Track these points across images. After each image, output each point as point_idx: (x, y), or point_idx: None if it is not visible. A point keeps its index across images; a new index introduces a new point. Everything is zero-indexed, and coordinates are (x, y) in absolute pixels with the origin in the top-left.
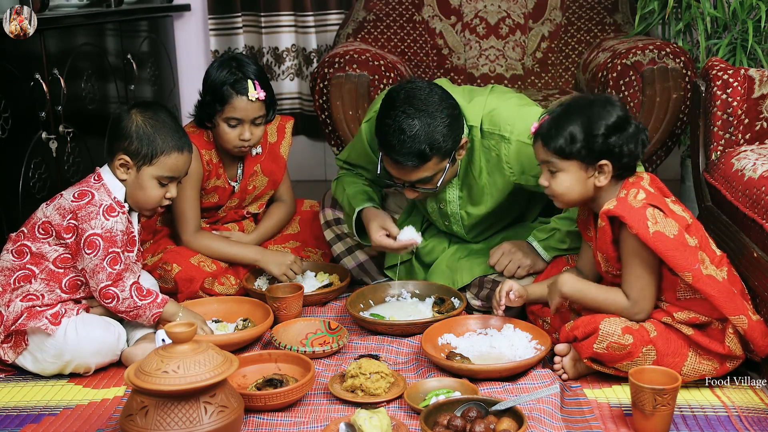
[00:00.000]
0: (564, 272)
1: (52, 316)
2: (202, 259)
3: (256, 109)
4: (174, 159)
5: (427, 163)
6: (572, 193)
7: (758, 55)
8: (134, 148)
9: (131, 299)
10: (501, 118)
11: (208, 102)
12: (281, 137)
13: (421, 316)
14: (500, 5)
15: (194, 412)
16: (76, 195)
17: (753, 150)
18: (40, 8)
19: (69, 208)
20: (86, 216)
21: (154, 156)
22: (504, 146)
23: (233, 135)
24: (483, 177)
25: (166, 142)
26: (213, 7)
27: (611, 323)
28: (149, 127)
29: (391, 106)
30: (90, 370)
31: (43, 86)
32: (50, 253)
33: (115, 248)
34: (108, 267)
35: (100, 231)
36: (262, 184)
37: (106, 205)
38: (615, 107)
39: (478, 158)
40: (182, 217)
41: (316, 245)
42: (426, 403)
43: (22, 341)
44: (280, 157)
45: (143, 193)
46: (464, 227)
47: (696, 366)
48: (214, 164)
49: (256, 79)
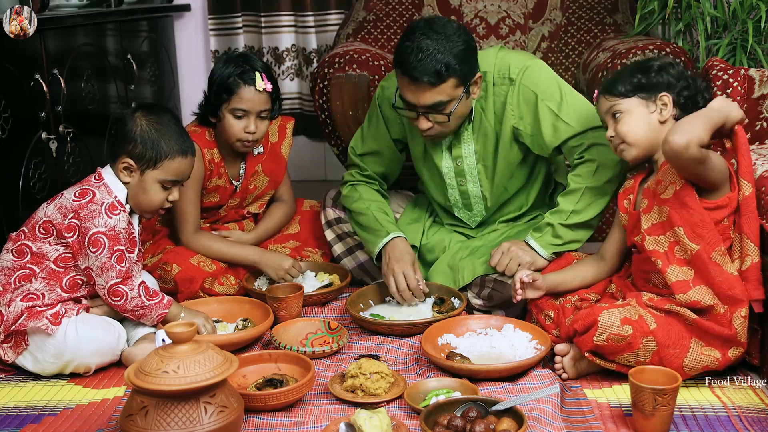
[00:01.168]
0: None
1: (53, 316)
2: (201, 259)
3: (263, 101)
4: (178, 163)
5: (443, 84)
6: (638, 130)
7: (758, 55)
8: (138, 152)
9: (139, 298)
10: (511, 63)
11: (215, 94)
12: (282, 137)
13: (421, 316)
14: (500, 5)
15: (194, 412)
16: (77, 194)
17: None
18: (40, 8)
19: (70, 207)
20: (89, 215)
21: (158, 160)
22: (510, 90)
23: (238, 127)
24: (495, 125)
25: (171, 146)
26: (213, 7)
27: (610, 314)
28: (154, 131)
29: (410, 31)
30: (90, 370)
31: (43, 86)
32: (51, 252)
33: (119, 246)
34: (116, 264)
35: (104, 229)
36: (263, 183)
37: (108, 203)
38: (669, 59)
39: (491, 105)
40: (182, 217)
41: (316, 245)
42: (426, 403)
43: (22, 341)
44: (281, 157)
45: (146, 196)
46: (480, 186)
47: (698, 357)
48: (216, 163)
49: (263, 72)
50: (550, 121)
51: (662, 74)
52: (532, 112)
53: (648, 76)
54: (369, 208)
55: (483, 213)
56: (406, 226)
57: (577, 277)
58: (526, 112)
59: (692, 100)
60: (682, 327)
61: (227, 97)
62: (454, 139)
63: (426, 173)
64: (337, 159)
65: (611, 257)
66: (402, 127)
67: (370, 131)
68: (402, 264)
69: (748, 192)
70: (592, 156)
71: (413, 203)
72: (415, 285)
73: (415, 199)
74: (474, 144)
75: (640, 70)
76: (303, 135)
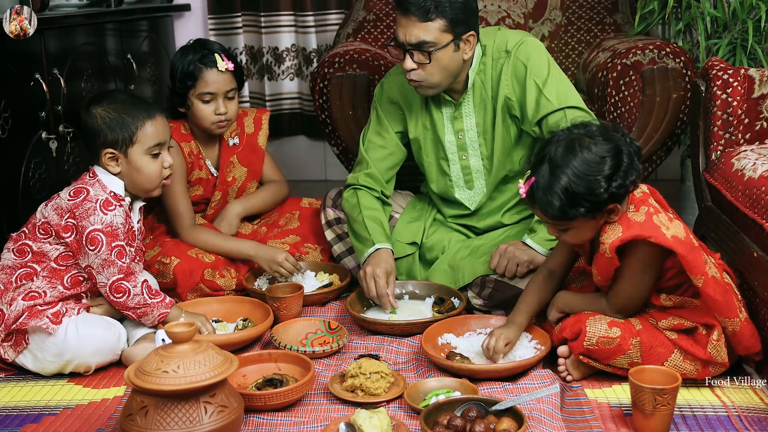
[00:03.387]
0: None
1: (53, 315)
2: (199, 251)
3: (227, 81)
4: (151, 127)
5: (429, 22)
6: (586, 238)
7: (758, 55)
8: (111, 139)
9: (142, 296)
10: (509, 38)
11: (180, 83)
12: (258, 128)
13: (421, 316)
14: (500, 5)
15: (194, 412)
16: (72, 193)
17: (753, 150)
18: (40, 8)
19: (66, 207)
20: (84, 213)
21: (132, 135)
22: (506, 61)
23: (208, 111)
24: (492, 96)
25: (135, 116)
26: (213, 6)
27: (596, 320)
28: (113, 111)
29: None
30: (90, 369)
31: (43, 86)
32: (51, 251)
33: (118, 241)
34: (117, 260)
35: (101, 226)
36: (241, 175)
37: (102, 200)
38: (600, 144)
39: (489, 78)
40: (175, 213)
41: (315, 241)
42: (426, 403)
43: (23, 340)
44: (258, 147)
45: (141, 173)
46: (482, 160)
47: (679, 363)
48: (195, 155)
49: (222, 53)
50: (534, 95)
51: (610, 190)
52: (521, 85)
53: (596, 199)
54: (363, 216)
55: (484, 190)
56: (407, 225)
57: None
58: (516, 84)
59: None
60: (665, 338)
61: (192, 84)
62: (455, 112)
63: (426, 158)
64: (337, 159)
65: (562, 272)
66: (402, 118)
67: (373, 127)
68: (374, 269)
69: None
70: None
71: (414, 203)
72: (382, 293)
73: (415, 199)
74: (475, 116)
75: (587, 190)
76: (303, 135)
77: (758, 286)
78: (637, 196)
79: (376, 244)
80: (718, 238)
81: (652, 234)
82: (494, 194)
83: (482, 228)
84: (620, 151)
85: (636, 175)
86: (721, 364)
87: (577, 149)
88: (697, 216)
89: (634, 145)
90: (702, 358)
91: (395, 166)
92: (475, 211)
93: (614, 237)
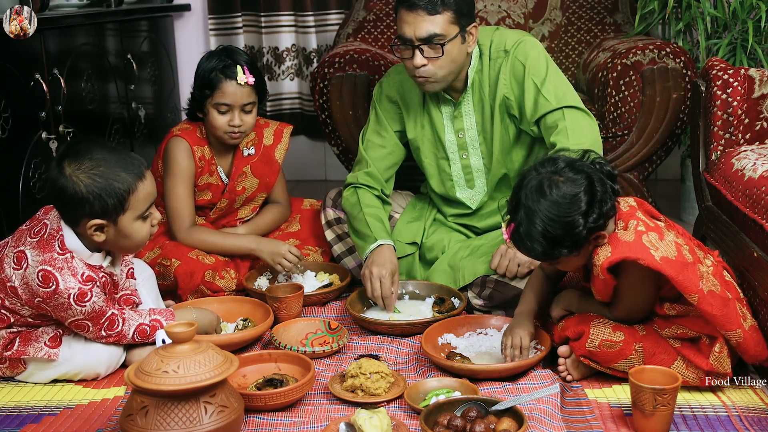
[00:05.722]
0: (566, 290)
1: (50, 341)
2: (200, 253)
3: (246, 94)
4: (142, 189)
5: (438, 15)
6: (579, 265)
7: (758, 55)
8: (99, 208)
9: (139, 316)
10: (507, 38)
11: (199, 89)
12: (277, 141)
13: (421, 316)
14: (500, 5)
15: (194, 412)
16: (40, 277)
17: (753, 150)
18: (40, 8)
19: (36, 292)
20: (58, 307)
21: (123, 202)
22: (505, 61)
23: (223, 121)
24: (491, 95)
25: (124, 180)
26: (213, 7)
27: (600, 322)
28: (98, 177)
29: None
30: (99, 376)
31: (43, 86)
32: (23, 311)
33: (101, 310)
34: (99, 318)
35: (81, 316)
36: (252, 185)
37: (75, 294)
38: (569, 180)
39: (487, 77)
40: (175, 215)
41: (316, 243)
42: (426, 403)
43: (19, 364)
44: (275, 161)
45: (130, 239)
46: (482, 158)
47: (682, 371)
48: (207, 160)
49: (246, 65)
50: (532, 95)
51: (588, 224)
52: (519, 84)
53: (577, 237)
54: (364, 213)
55: (484, 189)
56: (407, 225)
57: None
58: (515, 83)
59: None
60: (669, 345)
61: (210, 93)
62: (455, 111)
63: (425, 158)
64: (337, 159)
65: (554, 275)
66: (401, 117)
67: (372, 126)
68: (380, 269)
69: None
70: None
71: (414, 203)
72: (388, 294)
73: (415, 199)
74: (474, 115)
75: (567, 231)
76: (303, 135)
77: (758, 287)
78: (623, 210)
79: (378, 240)
80: (718, 238)
81: (640, 256)
82: (494, 194)
83: (482, 228)
84: (591, 181)
85: (612, 200)
86: (724, 374)
87: (546, 191)
88: (697, 216)
89: (604, 169)
90: (704, 369)
91: (394, 165)
92: (476, 211)
93: (603, 258)
